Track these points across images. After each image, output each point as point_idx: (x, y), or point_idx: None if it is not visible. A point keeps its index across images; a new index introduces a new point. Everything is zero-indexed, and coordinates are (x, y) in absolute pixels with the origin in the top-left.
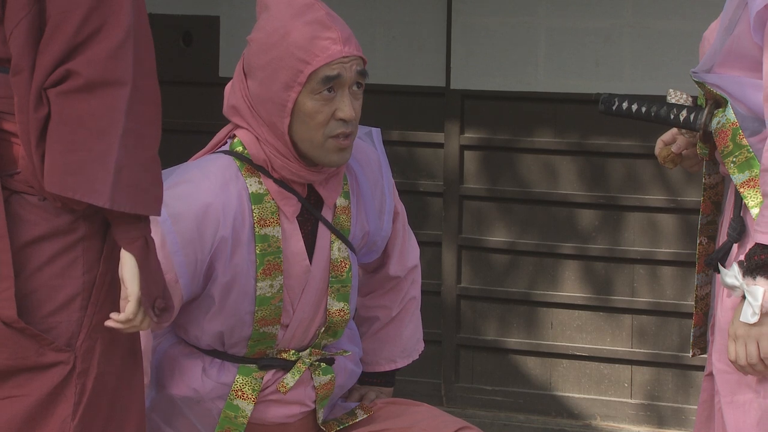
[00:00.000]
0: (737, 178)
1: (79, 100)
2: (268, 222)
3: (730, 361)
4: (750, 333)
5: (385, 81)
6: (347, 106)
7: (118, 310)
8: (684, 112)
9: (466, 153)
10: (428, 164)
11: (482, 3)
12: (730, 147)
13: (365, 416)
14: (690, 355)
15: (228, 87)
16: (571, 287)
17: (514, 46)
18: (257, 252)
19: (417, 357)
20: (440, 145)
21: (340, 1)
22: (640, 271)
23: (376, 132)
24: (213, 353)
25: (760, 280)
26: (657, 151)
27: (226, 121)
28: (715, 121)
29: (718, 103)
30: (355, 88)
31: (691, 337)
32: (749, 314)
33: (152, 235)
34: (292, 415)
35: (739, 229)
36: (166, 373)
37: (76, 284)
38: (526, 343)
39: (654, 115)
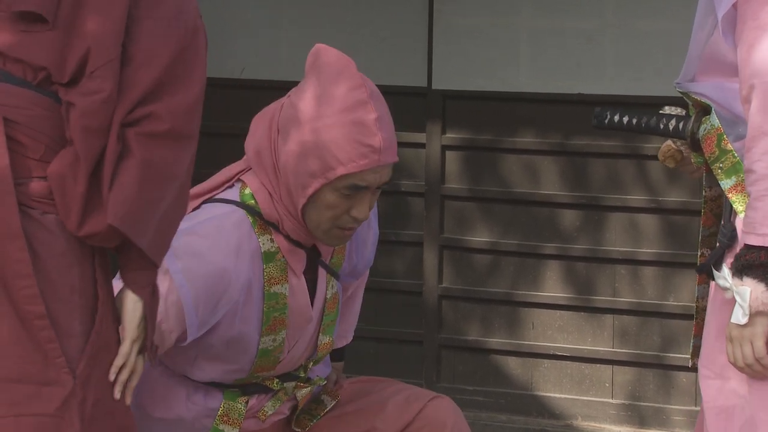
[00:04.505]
0: (725, 183)
1: (158, 144)
2: (276, 280)
3: (730, 362)
4: (743, 334)
5: None
6: (364, 209)
7: (117, 341)
8: (673, 122)
9: (448, 153)
10: (410, 164)
11: (464, 3)
12: (716, 153)
13: (334, 403)
14: (689, 365)
15: (256, 123)
16: (552, 287)
17: (496, 46)
18: (264, 309)
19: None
20: (422, 146)
21: (322, 2)
22: (622, 272)
23: None
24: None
25: (747, 280)
26: (660, 151)
27: (208, 124)
28: (702, 128)
29: (706, 110)
30: (377, 188)
31: (691, 347)
32: (740, 315)
33: (160, 283)
34: (267, 422)
35: (730, 235)
36: (145, 395)
37: (72, 309)
38: (507, 343)
39: (645, 125)
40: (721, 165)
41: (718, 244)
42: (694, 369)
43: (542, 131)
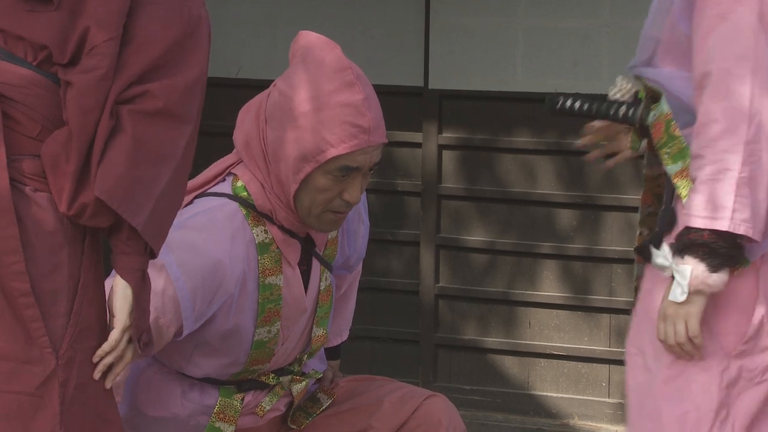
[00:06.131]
0: (671, 168)
1: (151, 122)
2: (271, 271)
3: (659, 340)
4: (679, 312)
5: None
6: (356, 192)
7: (99, 325)
8: (623, 108)
9: (444, 153)
10: (406, 164)
11: (461, 3)
12: (664, 138)
13: (330, 401)
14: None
15: (243, 115)
16: (549, 287)
17: (492, 45)
18: (259, 301)
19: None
20: (418, 145)
21: (318, 1)
22: (618, 271)
23: None
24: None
25: (688, 259)
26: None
27: (204, 123)
28: (651, 114)
29: (655, 97)
30: (368, 170)
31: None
32: (678, 293)
33: (156, 278)
34: (265, 419)
35: (669, 219)
36: (140, 394)
37: (61, 288)
38: (504, 342)
39: (596, 111)
40: (668, 150)
41: (657, 228)
42: None
43: (539, 131)
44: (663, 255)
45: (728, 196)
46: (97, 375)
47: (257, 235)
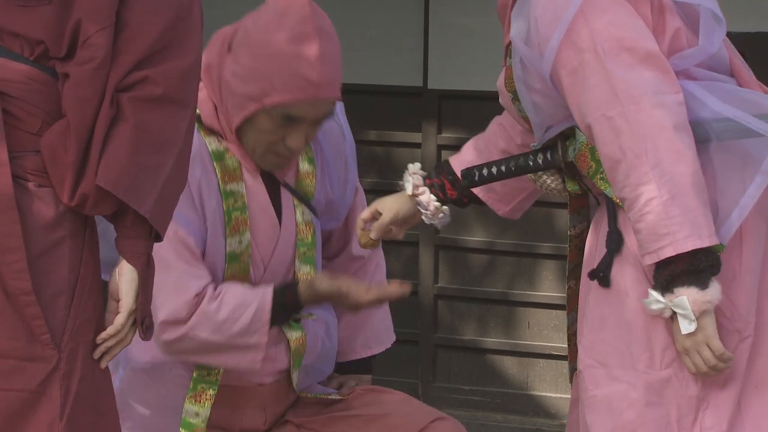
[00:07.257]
0: (611, 191)
1: (151, 108)
2: (231, 177)
3: (693, 374)
4: (696, 340)
5: (362, 81)
6: (299, 140)
7: (97, 316)
8: (540, 155)
9: (444, 153)
10: (405, 164)
11: (460, 3)
12: (593, 166)
13: (339, 397)
14: (571, 387)
15: (214, 37)
16: (548, 287)
17: (491, 45)
18: (224, 208)
19: (390, 345)
20: (417, 146)
21: (317, 1)
22: None
23: (339, 105)
24: None
25: (678, 290)
26: (358, 235)
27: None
28: (570, 150)
29: (566, 135)
30: (315, 122)
31: (569, 371)
32: (686, 324)
33: None
34: (267, 375)
35: (618, 240)
36: (133, 343)
37: (62, 282)
38: (503, 343)
39: (515, 169)
40: (601, 176)
41: (606, 250)
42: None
43: None
44: (654, 299)
45: (662, 223)
46: (96, 355)
47: (210, 143)
